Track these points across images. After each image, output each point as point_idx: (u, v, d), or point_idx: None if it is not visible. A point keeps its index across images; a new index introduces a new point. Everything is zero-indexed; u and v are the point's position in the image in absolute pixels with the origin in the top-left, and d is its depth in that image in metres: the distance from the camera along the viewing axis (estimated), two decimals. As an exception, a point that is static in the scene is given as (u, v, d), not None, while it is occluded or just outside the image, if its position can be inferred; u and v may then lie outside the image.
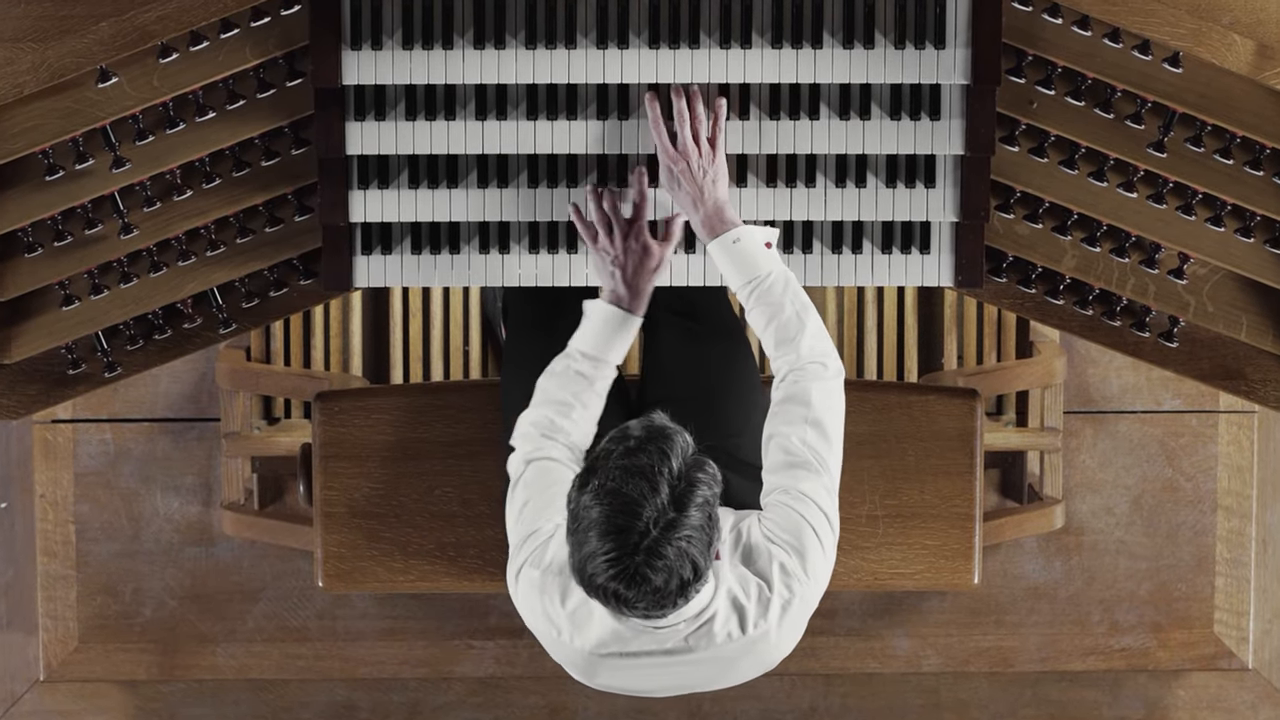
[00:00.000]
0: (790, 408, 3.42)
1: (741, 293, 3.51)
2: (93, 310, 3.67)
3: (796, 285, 3.51)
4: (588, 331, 3.54)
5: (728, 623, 3.30)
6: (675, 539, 3.11)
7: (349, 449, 3.85)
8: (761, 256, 3.50)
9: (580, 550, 3.14)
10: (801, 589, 3.34)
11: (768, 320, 3.48)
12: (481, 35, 3.54)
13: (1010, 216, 3.69)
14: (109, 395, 4.56)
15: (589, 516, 3.13)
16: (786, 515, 3.37)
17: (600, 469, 3.16)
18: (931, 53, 3.55)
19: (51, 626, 4.61)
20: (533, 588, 3.35)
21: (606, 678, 3.38)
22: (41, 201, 3.57)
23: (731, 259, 3.50)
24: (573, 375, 3.50)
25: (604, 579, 3.13)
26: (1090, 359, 4.61)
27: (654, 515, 3.11)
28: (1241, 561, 4.65)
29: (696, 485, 3.15)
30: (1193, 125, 3.59)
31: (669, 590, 3.14)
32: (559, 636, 3.35)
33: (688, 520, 3.12)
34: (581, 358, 3.52)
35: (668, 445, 3.16)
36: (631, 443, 3.17)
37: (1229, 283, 3.74)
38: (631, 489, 3.11)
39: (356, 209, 3.63)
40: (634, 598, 3.13)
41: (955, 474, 3.85)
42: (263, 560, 4.60)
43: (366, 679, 4.63)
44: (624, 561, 3.11)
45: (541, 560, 3.35)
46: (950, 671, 4.65)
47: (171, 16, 3.43)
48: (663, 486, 3.12)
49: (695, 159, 3.53)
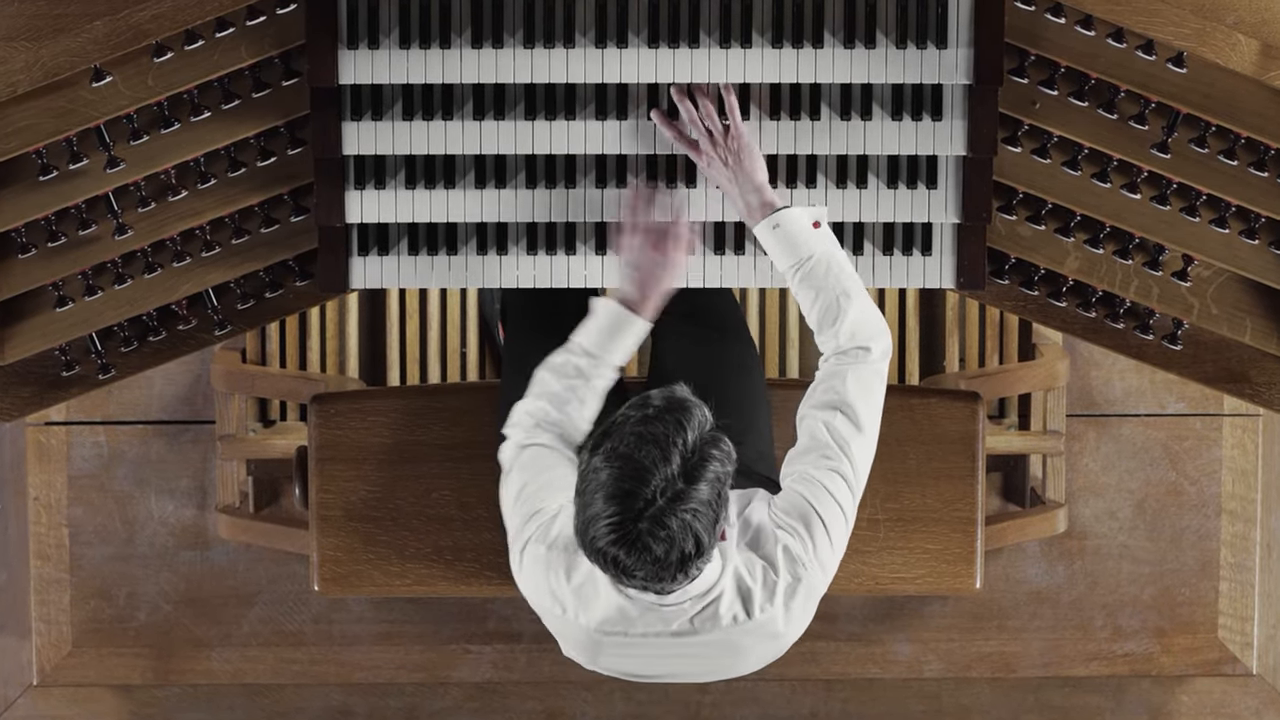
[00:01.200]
0: (824, 392, 3.43)
1: (789, 275, 3.51)
2: (87, 312, 3.67)
3: (841, 266, 3.49)
4: (591, 328, 3.53)
5: (733, 605, 3.29)
6: (681, 510, 3.11)
7: (345, 452, 3.84)
8: (806, 238, 3.49)
9: (585, 512, 3.14)
10: (807, 575, 3.33)
11: (812, 301, 3.49)
12: (479, 34, 3.54)
13: (1013, 218, 3.69)
14: (103, 397, 4.56)
15: (597, 479, 3.13)
16: (796, 500, 3.36)
17: (615, 433, 3.16)
18: (933, 52, 3.55)
19: (45, 630, 4.61)
20: (538, 563, 3.34)
21: (610, 660, 3.37)
22: (35, 202, 3.56)
23: (777, 242, 3.51)
24: (571, 369, 3.50)
25: (604, 543, 3.12)
26: (1093, 362, 4.62)
27: (662, 484, 3.11)
28: (1246, 566, 4.65)
29: (709, 460, 3.15)
30: (1197, 126, 3.59)
31: (669, 562, 3.13)
32: (563, 614, 3.34)
33: (696, 493, 3.12)
34: (581, 353, 3.51)
35: (685, 417, 3.16)
36: (650, 410, 3.17)
37: (1233, 285, 3.73)
38: (643, 455, 3.11)
39: (353, 210, 3.63)
40: (633, 565, 3.13)
41: (957, 477, 3.85)
42: (258, 564, 4.60)
43: (363, 684, 4.63)
44: (626, 527, 3.10)
45: (547, 536, 3.34)
46: (952, 677, 4.65)
47: (166, 15, 3.43)
48: (675, 456, 3.12)
49: (714, 148, 3.53)
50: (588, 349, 3.51)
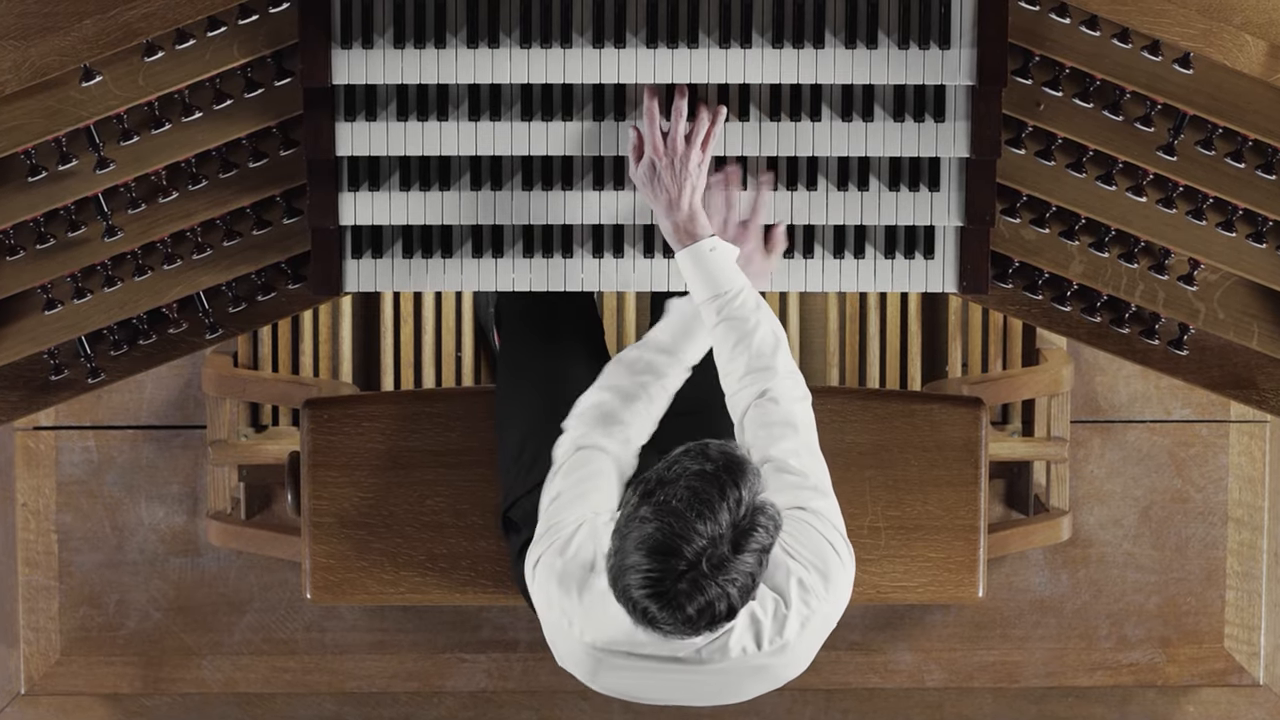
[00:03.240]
0: (780, 430, 3.42)
1: (707, 307, 3.48)
2: (76, 315, 3.66)
3: (766, 304, 3.49)
4: (666, 325, 3.52)
5: (743, 638, 3.28)
6: (721, 578, 3.10)
7: (338, 457, 3.84)
8: (732, 271, 3.49)
9: (623, 558, 3.13)
10: (821, 606, 3.32)
11: (737, 339, 3.45)
12: (475, 34, 3.53)
13: (1016, 221, 3.68)
14: (92, 402, 4.57)
15: (642, 530, 3.11)
16: (806, 531, 3.35)
17: (669, 483, 3.14)
18: (936, 53, 3.54)
19: (33, 639, 4.62)
20: (552, 575, 3.33)
21: (609, 678, 3.36)
22: (24, 203, 3.56)
23: (702, 271, 3.47)
24: (643, 365, 3.48)
25: (638, 594, 3.12)
26: (1098, 367, 4.62)
27: (707, 548, 3.10)
28: (1253, 575, 4.66)
29: (756, 529, 3.13)
30: (1203, 128, 3.59)
31: (698, 622, 3.13)
32: (569, 628, 3.33)
33: (739, 564, 3.12)
34: (657, 349, 3.50)
35: (741, 479, 3.15)
36: (708, 465, 3.15)
37: (1240, 289, 3.73)
38: (693, 514, 3.10)
39: (346, 211, 3.62)
40: (662, 620, 3.13)
41: (959, 485, 3.84)
42: (249, 571, 4.61)
43: (355, 693, 4.64)
44: (664, 585, 3.10)
45: (565, 550, 3.32)
46: (954, 687, 4.66)
47: (157, 14, 3.43)
48: (724, 520, 3.11)
49: (679, 156, 3.50)
50: (664, 345, 3.49)
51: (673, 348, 3.49)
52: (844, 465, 3.80)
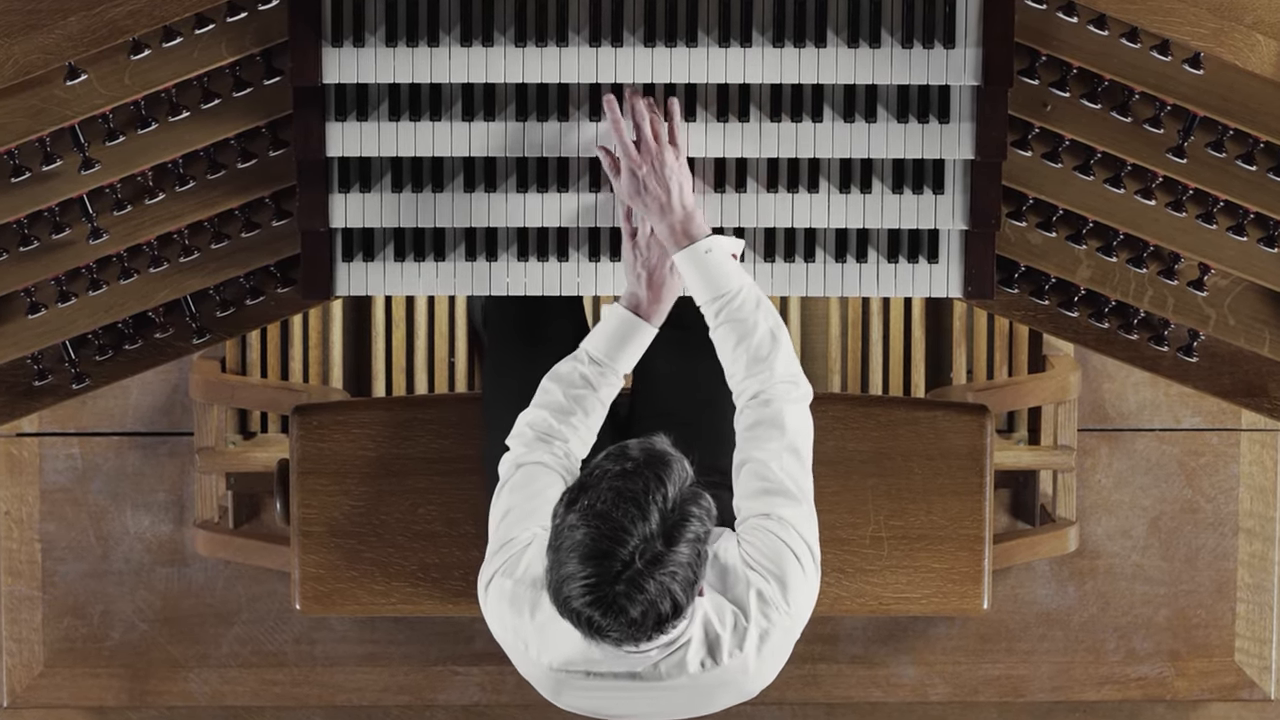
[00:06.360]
0: (765, 431, 3.41)
1: (708, 309, 3.49)
2: (60, 319, 3.66)
3: (767, 301, 3.50)
4: (599, 335, 3.53)
5: (700, 652, 3.28)
6: (659, 573, 3.10)
7: (328, 465, 3.83)
8: (731, 269, 3.49)
9: (559, 570, 3.13)
10: (780, 618, 3.31)
11: (738, 339, 3.46)
12: (468, 32, 3.53)
13: (1022, 224, 3.68)
14: (77, 407, 4.56)
15: (573, 537, 3.12)
16: (768, 540, 3.34)
17: (591, 488, 3.15)
18: (940, 52, 3.54)
19: (16, 650, 4.60)
20: (503, 598, 3.34)
21: (572, 698, 3.36)
22: (6, 204, 3.55)
23: (701, 272, 3.48)
24: (578, 378, 3.49)
25: (579, 604, 3.12)
26: (1106, 374, 4.61)
27: (640, 546, 3.10)
28: (1264, 587, 4.65)
29: (689, 519, 3.13)
30: (1214, 129, 3.60)
31: (645, 624, 3.13)
32: (525, 651, 3.34)
33: (675, 556, 3.11)
34: (589, 361, 3.51)
35: (665, 472, 3.14)
36: (628, 464, 3.16)
37: (1251, 295, 3.72)
38: (621, 514, 3.10)
39: (337, 213, 3.62)
40: (608, 626, 3.12)
41: (964, 494, 3.83)
42: (237, 581, 4.59)
43: (346, 706, 4.63)
44: (602, 589, 3.10)
45: (514, 570, 3.34)
46: (958, 701, 4.65)
47: (144, 11, 3.43)
48: (654, 515, 3.11)
49: (655, 157, 3.50)
50: (595, 357, 3.51)
51: (605, 359, 3.50)
52: (846, 474, 3.82)
